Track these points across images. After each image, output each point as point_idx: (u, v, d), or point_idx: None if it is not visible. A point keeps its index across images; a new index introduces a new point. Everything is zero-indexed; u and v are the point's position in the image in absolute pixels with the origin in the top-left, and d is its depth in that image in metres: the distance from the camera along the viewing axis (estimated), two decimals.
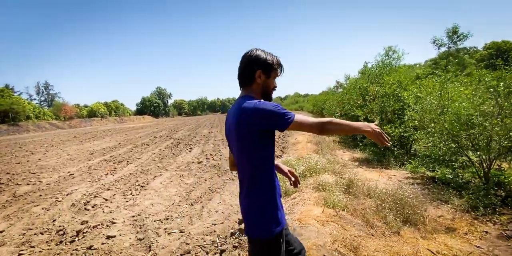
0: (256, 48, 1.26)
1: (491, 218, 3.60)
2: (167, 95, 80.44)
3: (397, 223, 3.19)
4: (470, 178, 5.11)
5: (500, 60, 6.27)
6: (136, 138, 16.17)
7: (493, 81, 4.87)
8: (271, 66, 1.24)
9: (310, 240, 2.43)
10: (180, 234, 3.42)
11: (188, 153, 9.59)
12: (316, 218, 2.88)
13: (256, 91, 1.26)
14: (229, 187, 5.20)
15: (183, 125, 26.23)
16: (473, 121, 4.59)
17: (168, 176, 6.40)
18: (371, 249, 2.49)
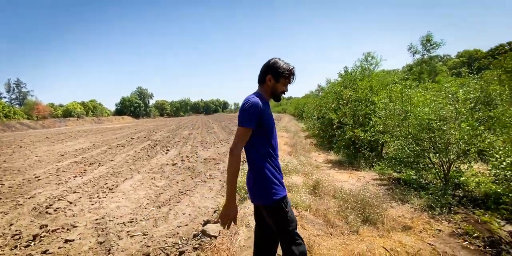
0: (276, 57, 1.54)
1: (446, 217, 3.81)
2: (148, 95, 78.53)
3: (356, 223, 3.30)
4: (432, 179, 5.39)
5: (465, 69, 6.72)
6: (112, 139, 15.63)
7: (453, 88, 5.20)
8: (280, 73, 1.50)
9: None
10: (142, 236, 3.34)
11: (164, 155, 9.41)
12: None
13: (266, 90, 1.55)
14: (200, 189, 5.15)
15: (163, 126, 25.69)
16: (433, 125, 4.87)
17: (140, 178, 6.24)
18: (326, 247, 2.56)
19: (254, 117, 1.41)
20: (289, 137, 11.16)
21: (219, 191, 4.91)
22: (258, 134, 1.46)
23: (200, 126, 24.43)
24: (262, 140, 1.49)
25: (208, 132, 17.65)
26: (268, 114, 1.51)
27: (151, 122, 41.48)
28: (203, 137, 14.53)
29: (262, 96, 1.53)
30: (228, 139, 12.88)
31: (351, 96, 8.54)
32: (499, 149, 3.66)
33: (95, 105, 56.03)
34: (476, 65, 7.70)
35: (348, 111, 8.48)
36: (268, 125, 1.49)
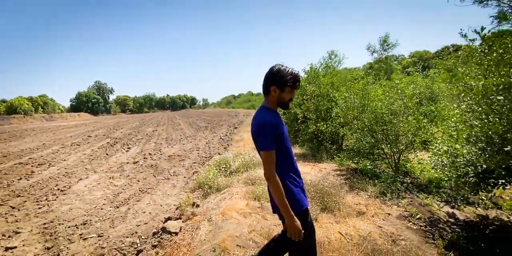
0: (278, 64, 1.44)
1: (395, 201, 4.18)
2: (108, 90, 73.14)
3: (315, 211, 3.47)
4: (385, 168, 5.87)
5: (413, 68, 7.35)
6: (66, 138, 14.34)
7: (401, 84, 5.69)
8: (284, 82, 1.40)
9: (228, 232, 2.48)
10: (97, 238, 3.14)
11: (125, 153, 8.90)
12: (239, 210, 2.95)
13: (272, 101, 1.46)
14: (163, 186, 4.99)
15: (125, 123, 24.21)
16: (385, 118, 5.29)
17: (96, 178, 5.83)
18: None
19: (273, 138, 1.37)
20: None
21: (183, 188, 4.80)
22: (279, 150, 1.40)
23: (165, 122, 23.49)
24: (281, 154, 1.42)
25: (174, 128, 17.07)
26: (282, 124, 1.46)
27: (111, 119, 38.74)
28: (169, 134, 14.02)
29: (270, 109, 1.47)
30: (195, 136, 12.60)
31: (314, 92, 8.86)
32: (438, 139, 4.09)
33: (46, 100, 50.67)
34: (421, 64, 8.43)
35: (312, 106, 8.80)
36: (284, 139, 1.44)
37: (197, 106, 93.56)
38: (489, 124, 2.70)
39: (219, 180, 3.95)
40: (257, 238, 2.46)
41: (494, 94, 2.75)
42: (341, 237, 2.95)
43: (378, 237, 2.98)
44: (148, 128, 18.49)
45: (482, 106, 2.84)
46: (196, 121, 22.37)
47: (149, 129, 17.32)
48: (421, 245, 2.88)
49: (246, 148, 7.06)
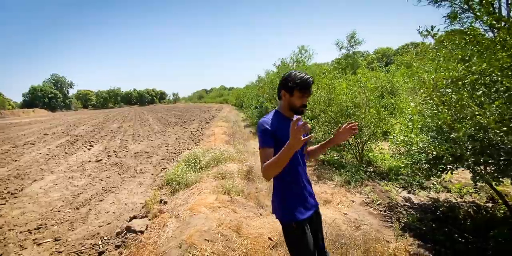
0: (292, 71, 1.43)
1: (359, 189, 4.43)
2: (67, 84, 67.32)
3: None
4: (350, 159, 6.19)
5: (376, 63, 7.75)
6: (18, 137, 12.99)
7: (364, 79, 5.99)
8: (291, 87, 1.37)
9: (196, 227, 2.44)
10: (54, 243, 2.91)
11: (86, 151, 8.31)
12: (208, 205, 2.92)
13: (284, 106, 1.45)
14: (128, 185, 4.75)
15: (87, 120, 22.53)
16: (350, 111, 5.55)
17: (53, 179, 5.38)
18: (254, 227, 2.68)
19: (266, 136, 1.33)
20: (229, 127, 11.18)
21: (151, 185, 4.62)
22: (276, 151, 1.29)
23: (132, 118, 22.31)
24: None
25: (141, 124, 16.29)
26: (285, 130, 1.32)
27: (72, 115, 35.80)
28: (136, 130, 13.35)
29: (279, 112, 1.46)
30: (165, 131, 12.15)
31: None
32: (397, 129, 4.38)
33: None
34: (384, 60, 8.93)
35: None
36: (280, 143, 1.29)
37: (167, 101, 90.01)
38: (439, 114, 2.94)
39: (188, 175, 3.86)
40: (226, 231, 2.45)
41: (444, 87, 3.00)
42: None
43: (342, 223, 3.15)
44: (113, 124, 17.42)
45: (433, 98, 3.08)
46: (166, 116, 21.56)
47: (114, 125, 16.34)
48: (380, 229, 3.10)
49: (217, 142, 6.97)
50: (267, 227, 2.76)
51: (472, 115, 2.68)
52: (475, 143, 2.66)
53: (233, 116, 17.00)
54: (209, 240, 2.25)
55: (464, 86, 2.83)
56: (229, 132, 9.27)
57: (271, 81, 10.34)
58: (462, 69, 2.82)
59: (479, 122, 2.54)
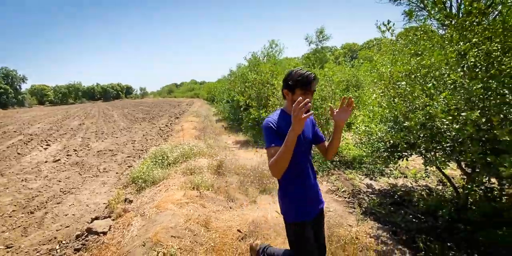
0: (292, 69, 1.38)
1: (325, 178, 4.62)
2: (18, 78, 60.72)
3: (254, 194, 3.60)
4: None
5: (342, 58, 8.04)
6: None
7: (330, 72, 6.20)
8: (292, 85, 1.34)
9: (162, 224, 2.37)
10: (5, 250, 2.66)
11: (43, 151, 7.64)
12: (176, 201, 2.85)
13: (287, 105, 1.42)
14: (90, 185, 4.47)
15: (44, 117, 20.61)
16: (316, 103, 5.73)
17: (3, 182, 4.87)
18: (224, 220, 2.69)
19: (272, 135, 1.31)
20: (199, 121, 10.96)
21: (115, 185, 4.39)
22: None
23: (95, 114, 20.87)
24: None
25: (106, 121, 15.32)
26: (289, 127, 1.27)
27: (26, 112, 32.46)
28: (99, 127, 12.53)
29: (284, 111, 1.43)
30: (131, 128, 11.56)
31: (255, 79, 8.98)
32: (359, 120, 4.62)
33: None
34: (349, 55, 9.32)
35: (253, 93, 8.94)
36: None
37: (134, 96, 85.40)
38: (395, 105, 3.14)
39: (155, 172, 3.73)
40: (194, 227, 2.42)
41: (399, 80, 3.20)
42: (278, 215, 3.13)
43: None
44: (74, 121, 16.16)
45: (390, 91, 3.28)
46: (133, 112, 20.51)
47: (74, 123, 15.16)
48: (344, 214, 3.28)
49: (187, 138, 6.81)
50: (237, 220, 2.78)
51: (423, 105, 2.90)
52: (426, 131, 2.90)
53: (205, 111, 16.69)
54: (176, 236, 2.21)
55: (416, 79, 3.05)
56: (200, 127, 9.10)
57: (242, 75, 10.28)
58: (414, 63, 3.03)
59: (429, 112, 2.76)
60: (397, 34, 3.46)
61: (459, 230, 2.79)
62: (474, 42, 2.58)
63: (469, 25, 2.84)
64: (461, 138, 2.67)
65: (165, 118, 14.44)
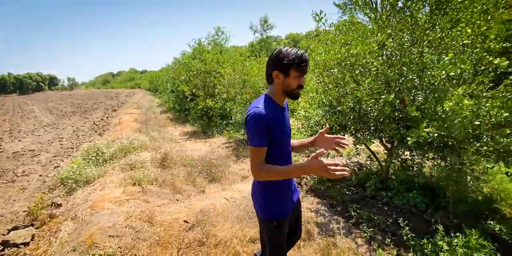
0: (280, 47, 1.18)
1: None
2: None
3: (203, 183, 3.56)
4: None
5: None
6: None
7: None
8: (287, 65, 1.13)
9: (98, 225, 2.18)
10: None
11: None
12: (114, 199, 2.64)
13: (276, 90, 1.22)
14: (5, 192, 3.78)
15: None
16: (262, 91, 5.87)
17: None
18: (169, 213, 2.60)
19: (261, 133, 1.12)
20: (141, 113, 10.17)
21: (38, 189, 3.81)
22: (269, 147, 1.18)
23: (9, 110, 17.50)
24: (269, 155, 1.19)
25: (23, 117, 13.00)
26: (279, 122, 1.22)
27: None
28: (14, 125, 10.59)
29: (271, 99, 1.22)
30: (58, 124, 10.07)
31: (200, 68, 8.67)
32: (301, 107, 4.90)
33: None
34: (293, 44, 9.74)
35: (199, 82, 8.64)
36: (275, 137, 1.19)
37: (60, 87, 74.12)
38: (329, 91, 3.40)
39: (88, 171, 3.35)
40: (136, 223, 2.29)
41: (332, 67, 3.46)
42: (226, 202, 3.18)
43: None
44: None
45: (325, 78, 3.53)
46: (60, 106, 17.85)
47: None
48: None
49: (126, 131, 6.27)
50: (184, 211, 2.72)
51: (351, 90, 3.22)
52: (355, 114, 3.24)
53: (147, 102, 15.52)
54: (114, 235, 2.06)
55: (346, 67, 3.34)
56: (142, 119, 8.46)
57: (186, 63, 9.79)
58: (344, 52, 3.31)
59: (357, 96, 3.08)
60: (336, 25, 3.69)
61: (383, 197, 3.27)
62: (389, 33, 2.93)
63: (386, 18, 3.21)
64: (381, 118, 3.07)
65: (100, 111, 12.97)
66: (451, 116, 2.35)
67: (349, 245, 2.40)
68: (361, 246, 2.39)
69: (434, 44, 2.82)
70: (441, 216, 2.75)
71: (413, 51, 2.91)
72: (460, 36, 2.77)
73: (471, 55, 2.72)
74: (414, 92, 2.91)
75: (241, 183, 3.89)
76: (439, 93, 2.62)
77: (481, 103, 2.30)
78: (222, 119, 8.08)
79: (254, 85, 5.79)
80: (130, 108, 11.64)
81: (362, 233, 2.57)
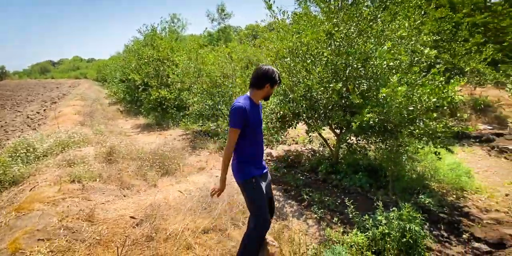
0: (270, 68, 1.72)
1: None
2: None
3: (155, 177, 3.37)
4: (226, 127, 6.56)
5: (245, 38, 8.11)
6: None
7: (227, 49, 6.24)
8: (276, 81, 1.74)
9: (25, 229, 1.91)
10: None
11: None
12: (47, 199, 2.34)
13: (259, 94, 1.75)
14: None
15: None
16: (219, 81, 5.72)
17: None
18: (114, 210, 2.41)
19: (240, 119, 1.62)
20: (85, 105, 9.21)
21: None
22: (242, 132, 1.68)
23: None
24: (242, 134, 1.69)
25: None
26: (254, 115, 1.71)
27: None
28: None
29: (250, 99, 1.73)
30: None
31: (152, 55, 8.08)
32: None
33: None
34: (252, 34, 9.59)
35: (152, 71, 8.07)
36: (250, 125, 1.68)
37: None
38: (282, 79, 3.43)
39: (15, 169, 2.91)
40: (73, 223, 2.06)
41: (284, 56, 3.49)
42: (180, 194, 3.06)
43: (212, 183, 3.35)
44: None
45: (278, 66, 3.54)
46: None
47: None
48: None
49: (67, 124, 5.61)
50: (132, 207, 2.54)
51: (303, 78, 3.29)
52: (306, 102, 3.34)
53: (94, 93, 14.12)
54: (45, 239, 1.82)
55: (298, 56, 3.39)
56: (86, 112, 7.66)
57: (136, 50, 9.04)
58: (296, 40, 3.35)
59: (308, 84, 3.16)
60: (289, 15, 3.69)
61: (333, 180, 3.47)
62: (336, 23, 3.03)
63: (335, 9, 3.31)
64: (330, 106, 3.21)
65: (36, 103, 11.40)
66: (389, 102, 2.55)
67: (300, 226, 2.51)
68: (312, 227, 2.52)
69: (376, 35, 3.00)
70: (382, 194, 3.03)
71: (359, 41, 3.07)
72: (398, 28, 2.99)
73: (407, 46, 2.95)
74: (359, 81, 3.09)
75: (197, 174, 3.78)
76: (381, 81, 2.82)
77: (414, 89, 2.54)
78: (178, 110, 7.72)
79: (210, 74, 5.59)
80: (73, 100, 10.45)
81: (313, 215, 2.71)
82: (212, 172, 3.92)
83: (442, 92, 2.33)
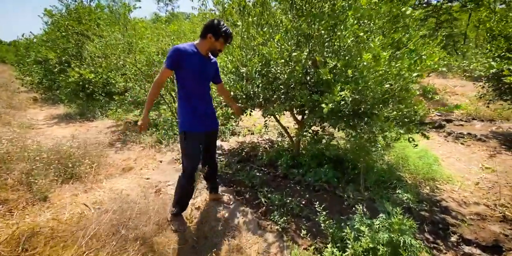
0: (217, 19, 1.75)
1: (171, 147, 3.86)
2: None
3: (49, 185, 2.32)
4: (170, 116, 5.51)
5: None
6: None
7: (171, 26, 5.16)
8: (219, 33, 1.73)
9: None
10: None
11: None
12: None
13: (204, 44, 1.76)
14: None
15: None
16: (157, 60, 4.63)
17: None
18: None
19: (174, 60, 1.66)
20: None
21: None
22: (178, 76, 1.75)
23: None
24: (181, 83, 1.77)
25: None
26: (194, 62, 1.72)
27: None
28: None
29: (195, 46, 1.76)
30: None
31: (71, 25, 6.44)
32: None
33: None
34: None
35: (72, 47, 6.45)
36: (188, 70, 1.72)
37: None
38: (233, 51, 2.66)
39: None
40: None
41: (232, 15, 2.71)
42: (85, 209, 2.10)
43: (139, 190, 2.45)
44: None
45: None
46: None
47: None
48: None
49: None
50: None
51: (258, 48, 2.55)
52: (263, 79, 2.62)
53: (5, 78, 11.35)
54: None
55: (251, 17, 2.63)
56: None
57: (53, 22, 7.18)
58: None
59: (264, 55, 2.44)
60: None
61: (295, 175, 2.87)
62: None
63: None
64: (292, 84, 2.55)
65: None
66: (366, 76, 1.98)
67: (258, 246, 1.81)
68: (272, 245, 1.84)
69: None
70: (352, 190, 2.52)
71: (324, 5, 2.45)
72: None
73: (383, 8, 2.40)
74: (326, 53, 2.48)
75: (120, 177, 2.82)
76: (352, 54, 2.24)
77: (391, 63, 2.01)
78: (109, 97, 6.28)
79: (144, 50, 4.46)
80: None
81: (273, 225, 2.04)
82: (143, 172, 2.98)
83: (421, 66, 1.85)
